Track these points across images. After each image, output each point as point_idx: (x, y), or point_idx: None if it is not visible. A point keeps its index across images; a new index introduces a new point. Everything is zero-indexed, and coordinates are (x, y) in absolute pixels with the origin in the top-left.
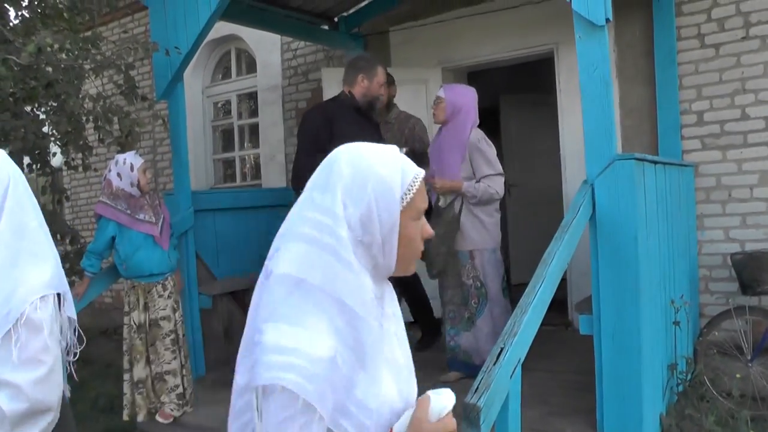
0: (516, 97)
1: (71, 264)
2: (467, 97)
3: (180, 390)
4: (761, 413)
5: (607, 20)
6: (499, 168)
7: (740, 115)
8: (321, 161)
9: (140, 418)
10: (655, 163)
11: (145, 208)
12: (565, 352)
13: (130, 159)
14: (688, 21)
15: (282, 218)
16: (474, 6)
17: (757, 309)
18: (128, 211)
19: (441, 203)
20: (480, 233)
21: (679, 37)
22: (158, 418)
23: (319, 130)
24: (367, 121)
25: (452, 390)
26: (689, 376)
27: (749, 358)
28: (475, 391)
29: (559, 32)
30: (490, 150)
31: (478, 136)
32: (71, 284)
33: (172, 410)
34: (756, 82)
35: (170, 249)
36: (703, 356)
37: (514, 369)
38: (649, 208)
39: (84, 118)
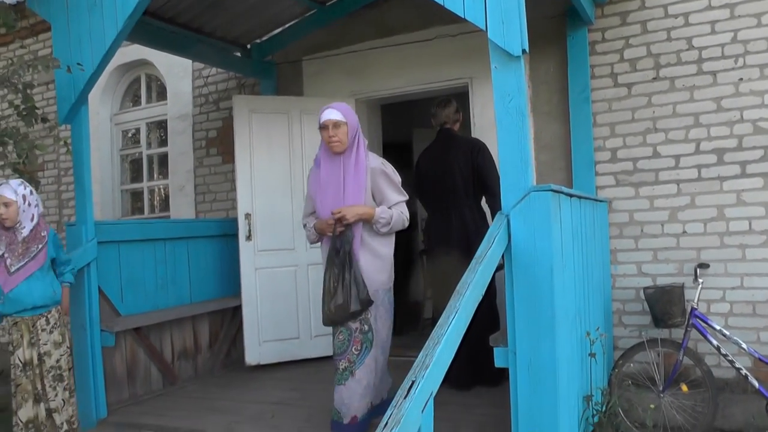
0: (429, 130)
1: None
2: (353, 112)
3: (65, 428)
4: None
5: (524, 51)
6: (406, 194)
7: (652, 153)
8: None
9: None
10: (571, 196)
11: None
12: (478, 386)
13: None
14: (602, 60)
15: (193, 249)
16: (388, 38)
17: (668, 341)
18: None
19: (338, 244)
20: (379, 272)
21: (593, 75)
22: None
23: None
24: None
25: None
26: (604, 407)
27: (661, 389)
28: (385, 426)
29: (474, 66)
30: (396, 175)
31: (380, 159)
32: None
33: None
34: (666, 121)
35: (52, 280)
36: (617, 387)
37: (426, 403)
38: (564, 241)
39: None
